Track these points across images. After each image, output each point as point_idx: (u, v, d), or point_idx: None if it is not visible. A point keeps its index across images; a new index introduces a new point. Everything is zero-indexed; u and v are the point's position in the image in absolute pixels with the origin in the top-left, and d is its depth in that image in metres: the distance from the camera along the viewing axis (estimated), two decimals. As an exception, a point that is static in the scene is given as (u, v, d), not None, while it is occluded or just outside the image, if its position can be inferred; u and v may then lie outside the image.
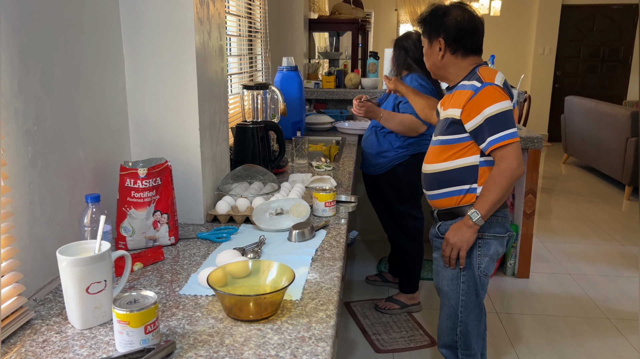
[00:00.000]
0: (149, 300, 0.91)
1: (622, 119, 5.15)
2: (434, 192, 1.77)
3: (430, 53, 1.74)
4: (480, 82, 1.61)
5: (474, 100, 1.59)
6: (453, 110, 1.66)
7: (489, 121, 1.57)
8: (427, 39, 1.75)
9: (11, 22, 1.01)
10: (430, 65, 1.78)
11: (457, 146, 1.68)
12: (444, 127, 1.71)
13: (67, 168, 1.21)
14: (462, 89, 1.66)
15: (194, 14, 1.46)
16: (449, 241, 1.67)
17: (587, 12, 8.05)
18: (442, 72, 1.77)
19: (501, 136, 1.57)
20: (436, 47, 1.72)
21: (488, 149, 1.59)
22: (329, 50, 5.46)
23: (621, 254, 3.82)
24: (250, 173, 1.84)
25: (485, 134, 1.59)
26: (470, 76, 1.67)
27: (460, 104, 1.63)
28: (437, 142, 1.74)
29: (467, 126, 1.62)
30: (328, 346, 0.92)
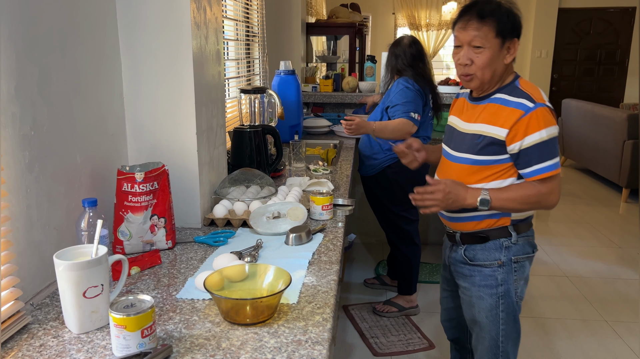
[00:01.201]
0: (146, 304, 0.91)
1: (619, 122, 5.17)
2: (460, 214, 1.57)
3: (496, 57, 1.45)
4: (532, 102, 1.43)
5: (523, 122, 1.42)
6: (493, 128, 1.46)
7: (539, 147, 1.42)
8: (497, 38, 1.44)
9: (8, 27, 1.01)
10: (489, 73, 1.47)
11: (495, 168, 1.50)
12: (476, 146, 1.50)
13: (64, 172, 1.21)
14: (505, 104, 1.46)
15: (191, 19, 1.47)
16: (443, 189, 1.45)
17: (583, 15, 8.08)
18: (492, 82, 1.50)
19: (548, 166, 1.44)
20: (505, 50, 1.47)
21: (532, 177, 1.46)
22: (327, 54, 5.47)
23: (618, 256, 3.83)
24: (248, 177, 1.84)
25: (531, 160, 1.44)
26: (512, 90, 1.48)
27: (506, 123, 1.44)
28: (466, 160, 1.53)
29: (510, 147, 1.45)
30: (325, 350, 0.92)
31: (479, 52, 1.45)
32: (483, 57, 1.45)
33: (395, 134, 2.53)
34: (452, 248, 1.68)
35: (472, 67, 1.47)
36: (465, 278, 1.64)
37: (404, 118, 2.48)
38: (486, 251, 1.57)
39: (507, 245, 1.56)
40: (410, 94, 2.50)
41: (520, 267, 1.58)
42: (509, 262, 1.57)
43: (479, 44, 1.44)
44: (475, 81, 1.49)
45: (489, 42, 1.44)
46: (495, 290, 1.58)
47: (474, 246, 1.59)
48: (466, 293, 1.64)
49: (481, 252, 1.58)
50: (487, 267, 1.58)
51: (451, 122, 1.67)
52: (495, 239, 1.56)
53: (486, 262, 1.58)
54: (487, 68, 1.46)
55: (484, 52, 1.45)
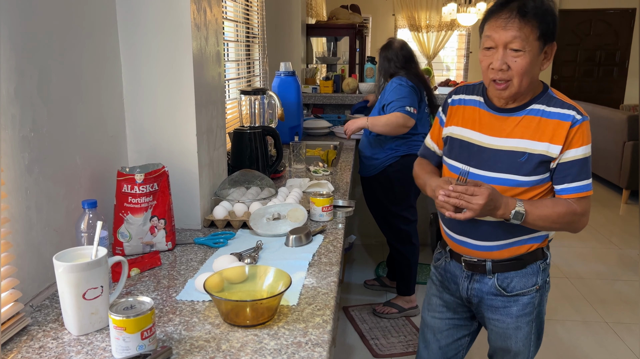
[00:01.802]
0: (146, 306, 0.91)
1: (619, 123, 5.17)
2: (498, 242, 1.40)
3: (535, 62, 1.29)
4: (579, 113, 1.31)
5: (571, 134, 1.30)
6: (542, 145, 1.31)
7: (580, 164, 1.32)
8: (539, 41, 1.27)
9: (8, 29, 1.01)
10: (526, 81, 1.29)
11: (539, 189, 1.36)
12: (521, 165, 1.33)
13: (63, 174, 1.21)
14: (546, 116, 1.32)
15: (191, 20, 1.47)
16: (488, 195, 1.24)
17: (583, 17, 8.09)
18: (528, 90, 1.33)
19: (585, 185, 1.34)
20: (543, 54, 1.31)
21: (566, 195, 1.34)
22: (327, 55, 5.47)
23: (619, 258, 3.83)
24: (248, 178, 1.84)
25: (567, 177, 1.33)
26: (549, 100, 1.34)
27: (556, 138, 1.30)
28: (508, 182, 1.34)
29: (554, 163, 1.33)
30: (325, 352, 0.92)
31: (518, 56, 1.26)
32: (522, 61, 1.26)
33: (388, 129, 2.56)
34: (473, 279, 1.47)
35: (508, 73, 1.28)
36: (497, 309, 1.46)
37: (398, 112, 2.50)
38: (524, 277, 1.43)
39: (544, 267, 1.46)
40: (404, 90, 2.55)
41: (548, 286, 1.49)
42: (544, 285, 1.47)
43: (518, 47, 1.25)
44: (511, 89, 1.30)
45: (530, 45, 1.26)
46: (532, 316, 1.46)
47: (508, 274, 1.43)
48: (499, 325, 1.48)
49: (518, 279, 1.43)
50: (525, 295, 1.44)
51: (463, 136, 1.43)
52: (533, 264, 1.43)
53: (524, 290, 1.43)
54: (525, 75, 1.27)
55: (523, 56, 1.26)
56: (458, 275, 1.50)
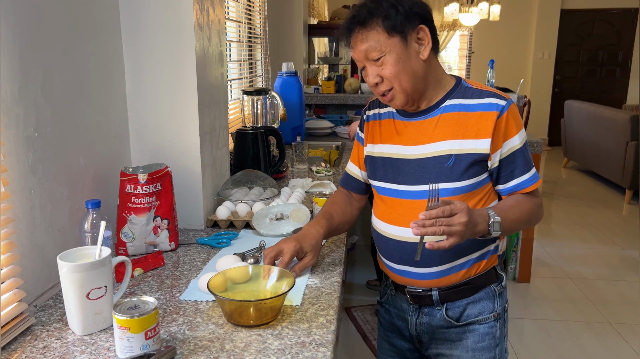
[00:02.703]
0: (150, 306, 0.91)
1: (622, 123, 5.16)
2: (442, 267, 1.21)
3: (405, 56, 1.14)
4: (502, 99, 1.16)
5: (500, 124, 1.15)
6: (469, 142, 1.15)
7: (522, 153, 1.18)
8: (393, 36, 1.13)
9: (12, 29, 1.01)
10: (406, 80, 1.15)
11: (478, 193, 1.19)
12: (449, 170, 1.16)
13: (67, 174, 1.21)
14: (467, 109, 1.17)
15: (194, 20, 1.47)
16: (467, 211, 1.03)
17: (586, 17, 8.08)
18: (422, 88, 1.18)
19: (534, 175, 1.20)
20: (413, 44, 1.14)
21: (516, 192, 1.20)
22: (329, 55, 5.47)
23: (621, 258, 3.82)
24: (250, 178, 1.84)
25: (514, 171, 1.18)
26: (464, 92, 1.20)
27: (484, 131, 1.15)
28: (441, 192, 1.14)
29: (490, 162, 1.17)
30: (329, 352, 0.92)
31: (382, 63, 1.14)
32: (389, 65, 1.13)
33: None
34: (421, 313, 1.29)
35: (385, 84, 1.16)
36: (452, 344, 1.28)
37: None
38: (477, 304, 1.25)
39: (500, 291, 1.28)
40: None
41: (507, 312, 1.32)
42: (503, 312, 1.28)
43: (376, 55, 1.14)
44: (399, 96, 1.17)
45: (386, 46, 1.13)
46: (493, 353, 1.27)
47: (459, 303, 1.25)
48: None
49: (471, 307, 1.25)
50: (482, 323, 1.26)
51: (383, 152, 1.27)
52: (486, 287, 1.25)
53: (480, 318, 1.25)
54: (401, 75, 1.14)
55: (386, 59, 1.14)
56: (405, 309, 1.32)
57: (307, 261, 1.24)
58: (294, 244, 1.22)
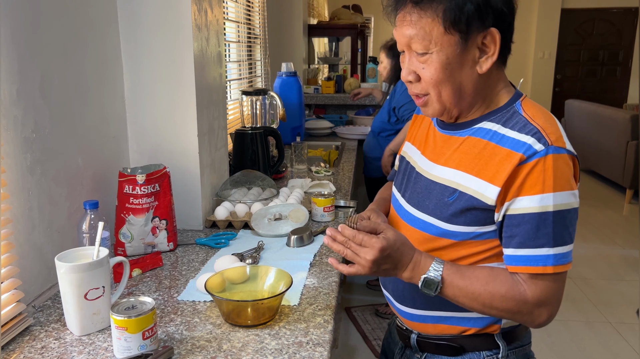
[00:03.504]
0: (147, 306, 0.91)
1: (623, 123, 5.15)
2: (417, 312, 1.01)
3: (457, 64, 0.89)
4: (543, 141, 0.85)
5: (521, 172, 0.85)
6: (476, 181, 0.90)
7: (537, 221, 0.85)
8: (449, 33, 0.87)
9: (10, 30, 1.02)
10: (448, 93, 0.91)
11: (475, 245, 0.93)
12: (447, 207, 0.93)
13: (65, 175, 1.22)
14: (498, 142, 0.90)
15: (192, 21, 1.47)
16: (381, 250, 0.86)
17: (586, 16, 8.07)
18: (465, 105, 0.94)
19: (542, 256, 0.86)
20: (473, 50, 0.89)
21: (514, 267, 0.88)
22: (329, 55, 5.47)
23: (622, 258, 3.81)
24: (249, 179, 1.85)
25: (515, 237, 0.87)
26: (509, 117, 0.91)
27: (497, 176, 0.87)
28: (430, 229, 0.96)
29: (497, 214, 0.89)
30: (326, 351, 0.92)
31: (425, 61, 0.90)
32: (432, 67, 0.89)
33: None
34: (404, 353, 1.11)
35: (420, 86, 0.93)
36: None
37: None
38: None
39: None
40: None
41: None
42: None
43: (420, 49, 0.89)
44: (434, 106, 0.94)
45: (438, 43, 0.88)
46: None
47: (438, 358, 1.03)
48: None
49: None
50: None
51: (409, 155, 1.09)
52: (472, 353, 1.00)
53: None
54: (442, 84, 0.90)
55: (431, 59, 0.89)
56: (397, 342, 1.14)
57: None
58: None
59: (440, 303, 0.96)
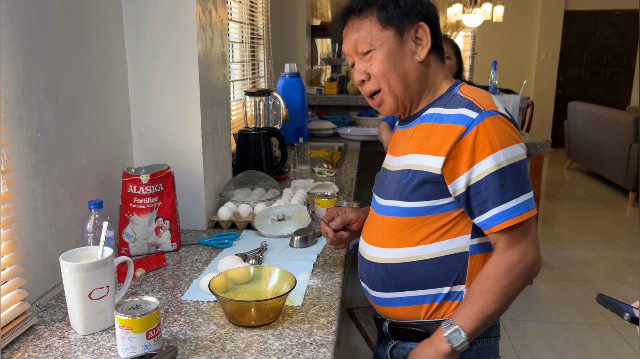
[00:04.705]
0: (151, 306, 0.91)
1: (626, 125, 5.14)
2: (387, 295, 1.08)
3: (398, 54, 1.02)
4: (476, 109, 0.96)
5: (466, 142, 0.95)
6: (424, 158, 1.00)
7: (495, 178, 0.94)
8: (387, 29, 1.02)
9: (15, 31, 1.02)
10: (397, 81, 1.03)
11: (433, 220, 1.01)
12: (404, 187, 1.02)
13: (70, 175, 1.22)
14: (439, 121, 1.00)
15: (197, 21, 1.47)
16: None
17: (589, 18, 8.06)
18: (414, 94, 1.06)
19: (514, 207, 0.94)
20: (409, 42, 1.03)
21: (491, 228, 0.96)
22: (332, 56, 5.47)
23: (625, 260, 3.81)
24: (253, 179, 1.85)
25: (487, 202, 0.95)
26: (449, 99, 1.03)
27: (441, 148, 0.97)
28: (393, 210, 1.05)
29: (452, 186, 0.97)
30: (329, 352, 0.92)
31: (370, 58, 1.03)
32: (377, 61, 1.02)
33: None
34: (380, 342, 1.18)
35: (372, 82, 1.05)
36: None
37: None
38: None
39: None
40: None
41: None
42: None
43: (365, 48, 1.03)
44: (388, 99, 1.06)
45: (379, 39, 1.02)
46: None
47: (406, 345, 1.09)
48: None
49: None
50: None
51: (384, 163, 1.20)
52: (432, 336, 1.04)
53: None
54: (390, 73, 1.02)
55: (375, 54, 1.03)
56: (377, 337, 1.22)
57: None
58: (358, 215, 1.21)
59: (407, 283, 1.05)
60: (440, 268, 1.02)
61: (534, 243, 0.99)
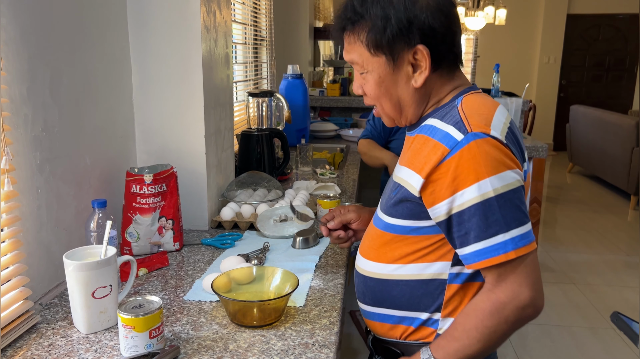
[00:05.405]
0: (154, 305, 0.91)
1: (628, 129, 5.14)
2: (367, 308, 1.06)
3: (390, 81, 0.94)
4: (462, 129, 0.87)
5: (447, 167, 0.86)
6: (409, 173, 0.92)
7: (479, 210, 0.84)
8: (376, 55, 0.93)
9: (20, 30, 1.02)
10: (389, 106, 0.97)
11: (412, 241, 0.95)
12: (391, 201, 0.98)
13: (73, 174, 1.22)
14: (432, 134, 0.92)
15: (201, 22, 1.48)
16: None
17: (592, 22, 8.06)
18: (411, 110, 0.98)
19: (499, 244, 0.84)
20: (405, 66, 0.92)
21: (472, 263, 0.87)
22: (334, 58, 5.48)
23: (626, 264, 3.80)
24: (255, 180, 1.85)
25: (469, 235, 0.86)
26: (447, 111, 0.93)
27: (424, 167, 0.89)
28: (379, 223, 1.01)
29: (432, 211, 0.89)
30: (331, 353, 0.92)
31: (364, 78, 0.98)
32: (369, 85, 0.97)
33: None
34: (369, 356, 1.15)
35: (368, 99, 1.00)
36: None
37: None
38: None
39: None
40: None
41: None
42: None
43: (359, 69, 0.97)
44: (385, 118, 1.02)
45: (369, 64, 0.94)
46: None
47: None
48: None
49: None
50: None
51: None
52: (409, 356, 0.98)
53: None
54: (382, 99, 0.96)
55: (367, 77, 0.96)
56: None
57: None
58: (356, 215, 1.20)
59: (383, 299, 1.01)
60: (415, 292, 0.96)
61: (529, 281, 0.86)
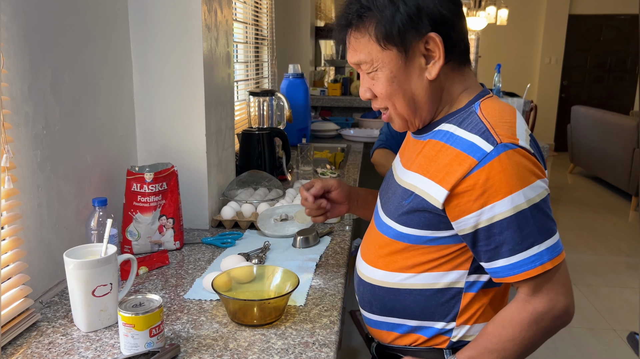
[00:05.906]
0: (154, 303, 0.91)
1: (629, 130, 5.13)
2: (374, 317, 1.03)
3: (403, 75, 0.90)
4: (491, 140, 0.83)
5: (476, 179, 0.83)
6: (428, 183, 0.89)
7: (513, 223, 0.82)
8: (387, 48, 0.88)
9: (22, 28, 1.02)
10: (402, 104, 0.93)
11: (428, 251, 0.92)
12: (403, 209, 0.94)
13: (74, 172, 1.22)
14: (450, 142, 0.89)
15: (202, 21, 1.48)
16: None
17: (593, 22, 8.05)
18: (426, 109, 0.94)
19: (536, 255, 0.83)
20: (417, 58, 0.89)
21: (505, 277, 0.86)
22: (335, 57, 5.48)
23: (627, 265, 3.80)
24: (256, 179, 1.85)
25: (500, 248, 0.84)
26: (465, 117, 0.90)
27: (446, 178, 0.86)
28: (389, 231, 0.97)
29: (457, 224, 0.87)
30: (332, 352, 0.92)
31: (373, 78, 0.93)
32: (379, 83, 0.92)
33: None
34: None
35: (378, 102, 0.96)
36: None
37: None
38: None
39: None
40: None
41: None
42: None
43: (368, 68, 0.92)
44: (396, 120, 0.97)
45: (378, 60, 0.90)
46: None
47: None
48: None
49: None
50: None
51: (393, 165, 1.11)
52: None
53: None
54: (394, 97, 0.92)
55: (377, 75, 0.91)
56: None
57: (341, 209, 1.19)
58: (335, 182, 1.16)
59: (392, 309, 0.99)
60: (430, 301, 0.94)
61: (563, 289, 0.86)
